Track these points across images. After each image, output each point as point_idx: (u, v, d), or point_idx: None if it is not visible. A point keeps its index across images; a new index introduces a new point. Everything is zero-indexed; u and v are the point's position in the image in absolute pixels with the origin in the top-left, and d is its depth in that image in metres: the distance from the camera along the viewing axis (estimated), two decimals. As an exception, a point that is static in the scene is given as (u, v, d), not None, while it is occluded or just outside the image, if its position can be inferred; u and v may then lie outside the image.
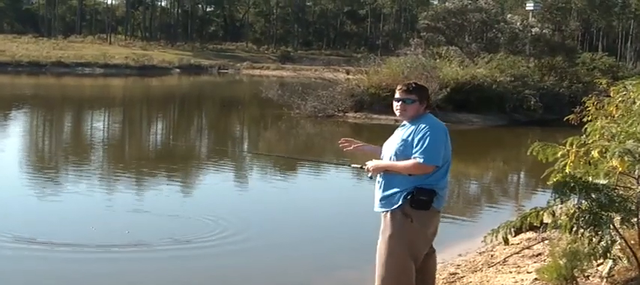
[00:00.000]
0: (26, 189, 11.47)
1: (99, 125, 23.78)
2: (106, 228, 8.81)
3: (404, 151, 4.57)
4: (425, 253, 4.71)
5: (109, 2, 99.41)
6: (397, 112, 4.73)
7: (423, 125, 4.55)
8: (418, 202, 4.50)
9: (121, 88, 47.74)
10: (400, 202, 4.54)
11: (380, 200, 4.66)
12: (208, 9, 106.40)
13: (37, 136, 20.36)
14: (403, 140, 4.60)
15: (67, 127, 23.28)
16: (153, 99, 38.96)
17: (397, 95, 4.70)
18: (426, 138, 4.48)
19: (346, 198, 11.85)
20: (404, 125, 4.71)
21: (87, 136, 20.57)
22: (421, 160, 4.46)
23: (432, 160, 4.48)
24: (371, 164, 4.75)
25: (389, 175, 4.63)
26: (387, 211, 4.59)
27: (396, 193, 4.56)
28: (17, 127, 21.43)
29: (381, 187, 4.67)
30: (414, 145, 4.51)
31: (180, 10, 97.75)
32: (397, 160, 4.61)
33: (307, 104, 24.98)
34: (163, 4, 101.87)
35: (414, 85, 4.73)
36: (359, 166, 5.07)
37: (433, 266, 4.91)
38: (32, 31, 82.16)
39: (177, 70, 66.20)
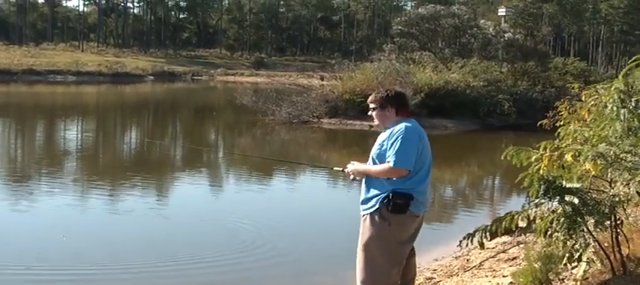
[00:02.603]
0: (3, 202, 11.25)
1: (72, 134, 23.51)
2: (75, 242, 8.72)
3: (379, 156, 4.67)
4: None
5: (81, 9, 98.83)
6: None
7: (397, 130, 4.63)
8: (395, 206, 4.55)
9: (94, 95, 47.35)
10: (377, 206, 4.60)
11: (361, 204, 4.74)
12: (181, 16, 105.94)
13: (9, 146, 20.06)
14: (380, 145, 4.71)
15: (39, 136, 23.00)
16: (126, 106, 38.64)
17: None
18: (398, 142, 4.56)
19: (322, 203, 11.86)
20: (384, 130, 4.79)
21: (60, 144, 20.30)
22: (392, 164, 4.53)
23: (403, 164, 4.53)
24: (351, 168, 4.84)
25: (369, 179, 4.72)
26: (366, 215, 4.65)
27: (374, 196, 4.63)
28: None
29: (362, 190, 4.75)
30: (388, 149, 4.58)
31: (153, 17, 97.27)
32: (374, 164, 4.69)
33: (282, 110, 24.96)
34: (136, 11, 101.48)
35: (375, 96, 4.86)
36: (340, 168, 5.13)
37: (413, 269, 4.94)
38: (2, 39, 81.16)
39: (151, 77, 65.82)
